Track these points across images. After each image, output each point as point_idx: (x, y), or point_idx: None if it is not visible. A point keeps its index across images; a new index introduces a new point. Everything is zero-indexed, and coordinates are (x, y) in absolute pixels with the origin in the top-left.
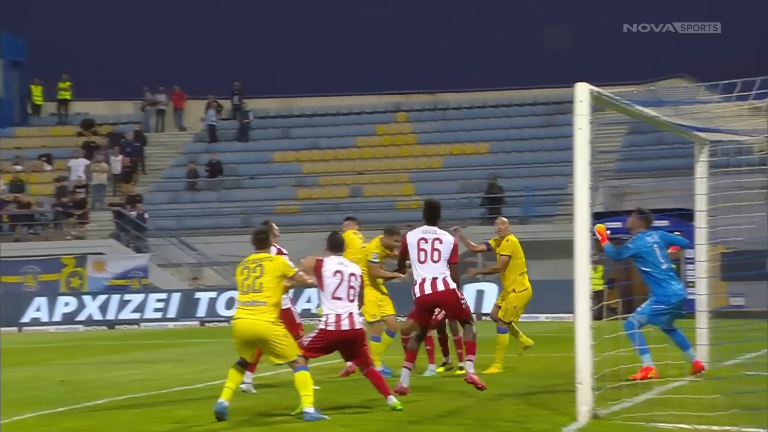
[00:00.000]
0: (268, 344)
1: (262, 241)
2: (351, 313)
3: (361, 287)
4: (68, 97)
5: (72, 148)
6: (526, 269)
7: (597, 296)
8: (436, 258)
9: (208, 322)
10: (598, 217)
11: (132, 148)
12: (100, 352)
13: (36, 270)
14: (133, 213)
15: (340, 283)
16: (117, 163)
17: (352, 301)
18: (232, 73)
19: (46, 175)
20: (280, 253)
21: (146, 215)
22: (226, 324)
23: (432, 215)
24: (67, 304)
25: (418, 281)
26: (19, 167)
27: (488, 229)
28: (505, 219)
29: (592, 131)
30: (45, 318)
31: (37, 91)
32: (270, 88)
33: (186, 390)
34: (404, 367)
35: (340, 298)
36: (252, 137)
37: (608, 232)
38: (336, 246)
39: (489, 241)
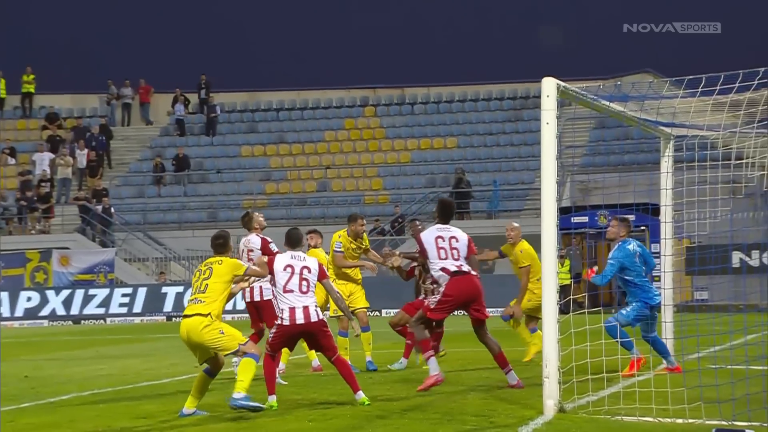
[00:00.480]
0: (204, 344)
1: (218, 247)
2: (306, 306)
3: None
4: (32, 90)
5: (36, 141)
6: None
7: (564, 290)
8: (456, 256)
9: (175, 316)
10: (564, 212)
11: (97, 142)
12: (65, 347)
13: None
14: (99, 207)
15: (290, 277)
16: (82, 156)
17: (305, 293)
18: (199, 66)
19: (10, 169)
20: (265, 242)
21: (112, 209)
22: None
23: (446, 214)
24: (29, 299)
25: (444, 276)
26: None
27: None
28: (516, 224)
29: (559, 126)
30: (6, 313)
31: (0, 84)
32: (237, 82)
33: (152, 385)
34: (427, 359)
35: (291, 291)
36: (219, 131)
37: (594, 269)
38: (292, 241)
39: (501, 249)
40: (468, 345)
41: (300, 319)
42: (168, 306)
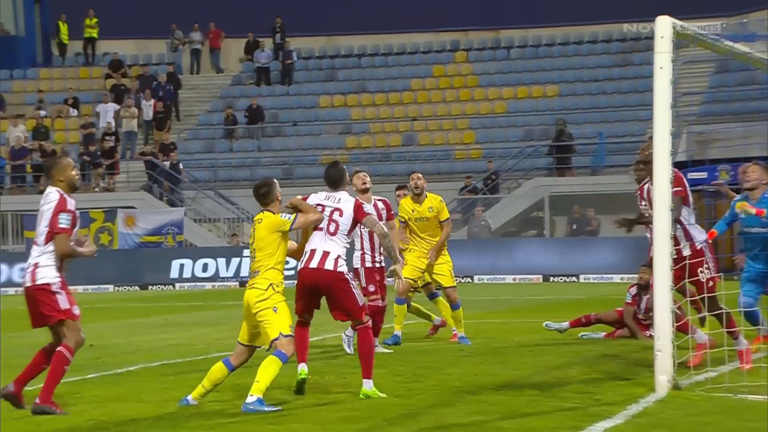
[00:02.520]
0: (254, 321)
1: (262, 197)
2: (326, 252)
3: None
4: (95, 35)
5: (100, 91)
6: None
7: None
8: (331, 230)
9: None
10: (680, 166)
11: (165, 92)
12: (131, 314)
13: None
14: (167, 163)
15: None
16: (148, 108)
17: (332, 234)
18: (273, 8)
19: (72, 121)
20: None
21: (180, 165)
22: None
23: (331, 181)
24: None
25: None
26: (42, 112)
27: (556, 181)
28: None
29: (674, 71)
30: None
31: (63, 29)
32: (315, 26)
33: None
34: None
35: (319, 230)
36: (295, 80)
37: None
38: (331, 180)
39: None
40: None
41: (314, 263)
42: (242, 270)
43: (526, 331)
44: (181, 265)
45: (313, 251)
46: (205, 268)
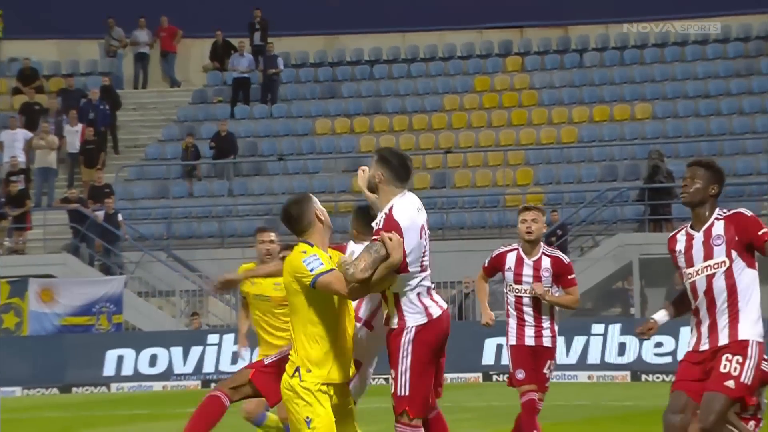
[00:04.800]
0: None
1: (293, 222)
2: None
3: None
4: None
5: (4, 112)
6: None
7: None
8: None
9: (216, 380)
10: None
11: (97, 114)
12: (48, 428)
13: None
14: (100, 213)
15: (424, 241)
16: (74, 136)
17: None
18: None
19: None
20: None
21: (119, 217)
22: None
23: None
24: None
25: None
26: None
27: (649, 238)
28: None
29: None
30: None
31: None
32: (309, 21)
33: None
34: None
35: (427, 269)
36: (281, 96)
37: None
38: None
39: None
40: None
41: (443, 303)
42: (207, 365)
43: None
44: (120, 357)
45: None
46: (153, 361)
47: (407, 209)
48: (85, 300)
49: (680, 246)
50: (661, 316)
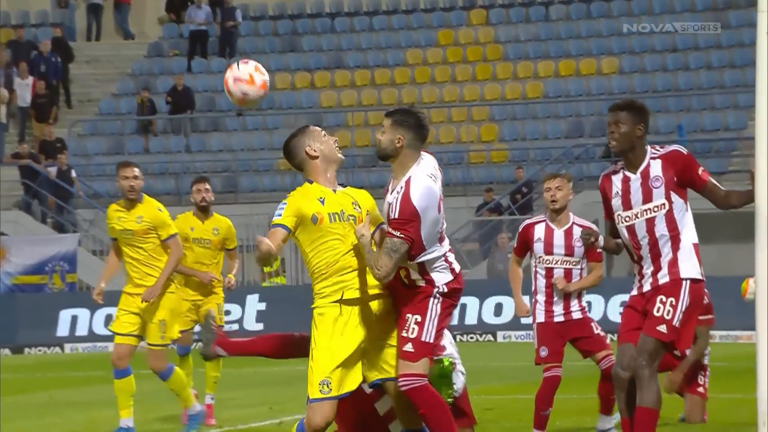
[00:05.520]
0: None
1: (288, 157)
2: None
3: None
4: None
5: None
6: None
7: None
8: None
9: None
10: None
11: (49, 67)
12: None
13: None
14: (52, 169)
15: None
16: (25, 90)
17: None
18: None
19: None
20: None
21: (73, 173)
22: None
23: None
24: None
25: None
26: None
27: None
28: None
29: None
30: None
31: None
32: None
33: None
34: None
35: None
36: (240, 50)
37: None
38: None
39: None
40: None
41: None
42: None
43: (574, 412)
44: (74, 318)
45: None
46: (108, 321)
47: (424, 183)
48: (37, 258)
49: (616, 188)
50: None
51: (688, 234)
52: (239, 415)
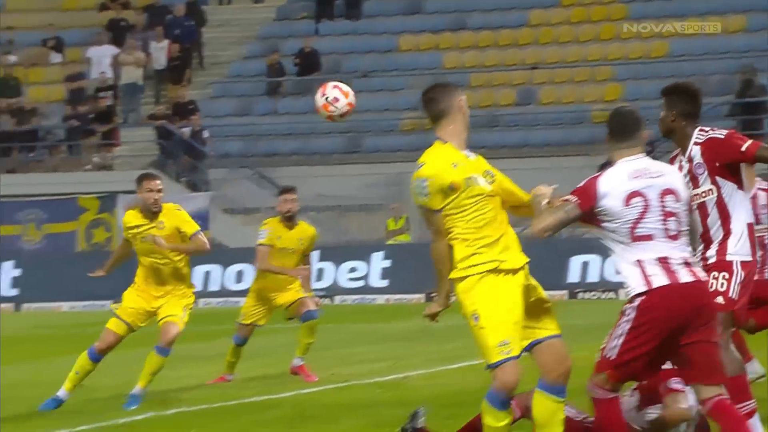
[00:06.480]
0: None
1: (427, 108)
2: (686, 260)
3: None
4: None
5: (91, 28)
6: None
7: None
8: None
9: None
10: None
11: (183, 30)
12: (134, 342)
13: (40, 216)
14: (186, 130)
15: (645, 210)
16: (160, 52)
17: (676, 238)
18: None
19: (53, 70)
20: None
21: (205, 134)
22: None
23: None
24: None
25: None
26: (12, 57)
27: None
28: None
29: None
30: (52, 291)
31: None
32: None
33: (265, 400)
34: None
35: (649, 237)
36: (366, 12)
37: None
38: (624, 131)
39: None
40: None
41: (685, 276)
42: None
43: None
44: (207, 273)
45: (663, 260)
46: (239, 277)
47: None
48: None
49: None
50: None
51: (740, 216)
52: (364, 369)
